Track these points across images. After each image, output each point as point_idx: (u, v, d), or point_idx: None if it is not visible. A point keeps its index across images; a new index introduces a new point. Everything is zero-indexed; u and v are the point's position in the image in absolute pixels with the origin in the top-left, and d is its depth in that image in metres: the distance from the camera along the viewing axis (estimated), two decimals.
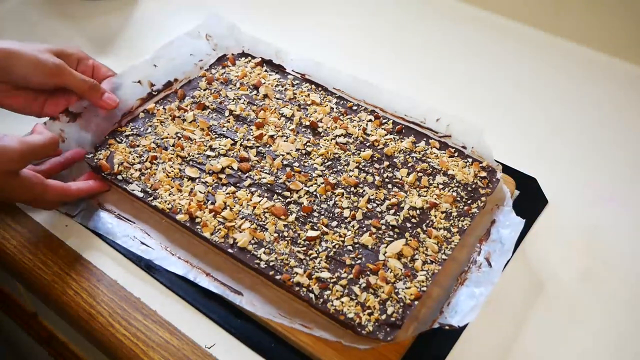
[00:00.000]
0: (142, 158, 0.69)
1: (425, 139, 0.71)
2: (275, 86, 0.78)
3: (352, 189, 0.65)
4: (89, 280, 0.62)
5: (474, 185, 0.65)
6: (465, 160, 0.68)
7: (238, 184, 0.66)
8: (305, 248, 0.60)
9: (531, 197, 0.70)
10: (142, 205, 0.66)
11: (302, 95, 0.76)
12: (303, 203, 0.64)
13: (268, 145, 0.70)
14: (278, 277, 0.58)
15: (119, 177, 0.67)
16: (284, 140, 0.71)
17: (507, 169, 0.70)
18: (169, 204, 0.64)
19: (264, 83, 0.78)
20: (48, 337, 0.92)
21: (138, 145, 0.71)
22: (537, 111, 0.82)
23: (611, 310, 0.61)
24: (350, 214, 0.63)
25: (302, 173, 0.67)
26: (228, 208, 0.64)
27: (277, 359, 0.56)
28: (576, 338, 0.58)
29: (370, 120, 0.73)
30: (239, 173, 0.67)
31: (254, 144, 0.71)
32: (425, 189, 0.65)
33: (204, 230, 0.62)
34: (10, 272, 0.66)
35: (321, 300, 0.56)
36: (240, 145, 0.70)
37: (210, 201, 0.64)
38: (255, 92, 0.77)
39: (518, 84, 0.86)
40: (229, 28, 0.83)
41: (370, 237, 0.60)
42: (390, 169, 0.67)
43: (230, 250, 0.60)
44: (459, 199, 0.64)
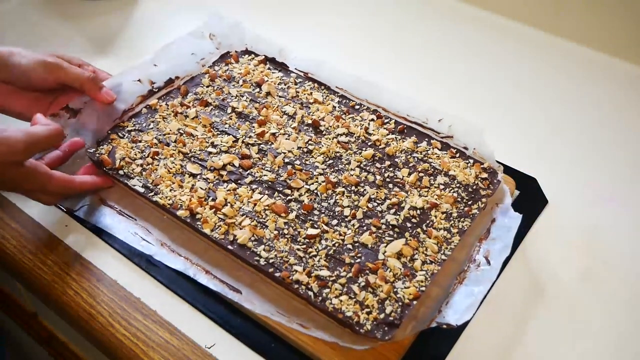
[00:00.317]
0: (144, 153, 0.69)
1: (427, 140, 0.71)
2: (278, 84, 0.78)
3: (353, 187, 0.65)
4: (89, 280, 0.62)
5: (474, 186, 0.66)
6: (467, 161, 0.68)
7: (239, 181, 0.66)
8: (305, 246, 0.60)
9: (531, 197, 0.70)
10: (144, 201, 0.66)
11: (305, 94, 0.76)
12: (304, 201, 0.64)
13: (270, 143, 0.70)
14: (277, 275, 0.58)
15: (121, 172, 0.67)
16: (286, 138, 0.71)
17: (507, 169, 0.70)
18: (169, 200, 0.64)
19: (267, 81, 0.78)
20: (48, 337, 0.92)
21: (140, 141, 0.70)
22: (537, 111, 0.82)
23: (611, 310, 0.61)
24: (351, 213, 0.63)
25: (304, 171, 0.67)
26: (229, 205, 0.64)
27: (277, 359, 0.56)
28: (576, 338, 0.58)
29: (372, 119, 0.73)
30: (240, 170, 0.67)
31: (255, 141, 0.71)
32: (426, 189, 0.65)
33: (204, 226, 0.62)
34: (10, 272, 0.66)
35: (320, 298, 0.56)
36: (242, 142, 0.70)
37: (211, 198, 0.64)
38: (258, 90, 0.77)
39: (518, 84, 0.86)
40: (232, 26, 0.83)
41: (370, 236, 0.61)
42: (391, 169, 0.67)
43: (230, 246, 0.60)
44: (459, 199, 0.64)
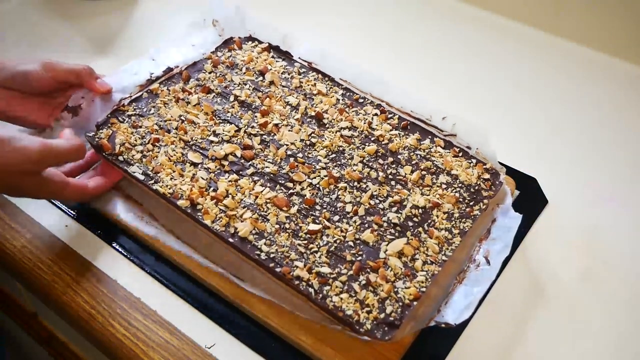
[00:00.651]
0: (144, 140, 0.68)
1: (430, 137, 0.70)
2: (282, 73, 0.77)
3: (356, 183, 0.65)
4: (89, 280, 0.62)
5: (476, 187, 0.65)
6: (470, 161, 0.68)
7: (241, 172, 0.65)
8: (306, 241, 0.60)
9: (531, 197, 0.70)
10: (144, 189, 0.65)
11: (309, 85, 0.75)
12: (306, 195, 0.63)
13: (272, 134, 0.69)
14: (278, 270, 0.57)
15: (120, 158, 0.66)
16: (289, 130, 0.70)
17: (507, 169, 0.70)
18: (170, 189, 0.63)
19: (271, 69, 0.77)
20: (48, 337, 0.92)
21: (140, 126, 0.69)
22: (537, 111, 0.82)
23: (611, 310, 0.61)
24: (353, 209, 0.62)
25: (306, 164, 0.66)
26: (230, 196, 0.63)
27: (277, 359, 0.56)
28: (576, 338, 0.58)
29: (376, 114, 0.72)
30: (242, 161, 0.66)
31: (258, 131, 0.70)
32: (428, 188, 0.65)
33: (205, 217, 0.61)
34: (10, 272, 0.66)
35: (320, 295, 0.56)
36: (245, 132, 0.69)
37: (212, 188, 0.64)
38: (261, 79, 0.76)
39: (518, 84, 0.86)
40: (235, 13, 0.82)
41: (372, 234, 0.60)
42: (394, 166, 0.67)
43: (231, 239, 0.59)
44: (461, 200, 0.64)
